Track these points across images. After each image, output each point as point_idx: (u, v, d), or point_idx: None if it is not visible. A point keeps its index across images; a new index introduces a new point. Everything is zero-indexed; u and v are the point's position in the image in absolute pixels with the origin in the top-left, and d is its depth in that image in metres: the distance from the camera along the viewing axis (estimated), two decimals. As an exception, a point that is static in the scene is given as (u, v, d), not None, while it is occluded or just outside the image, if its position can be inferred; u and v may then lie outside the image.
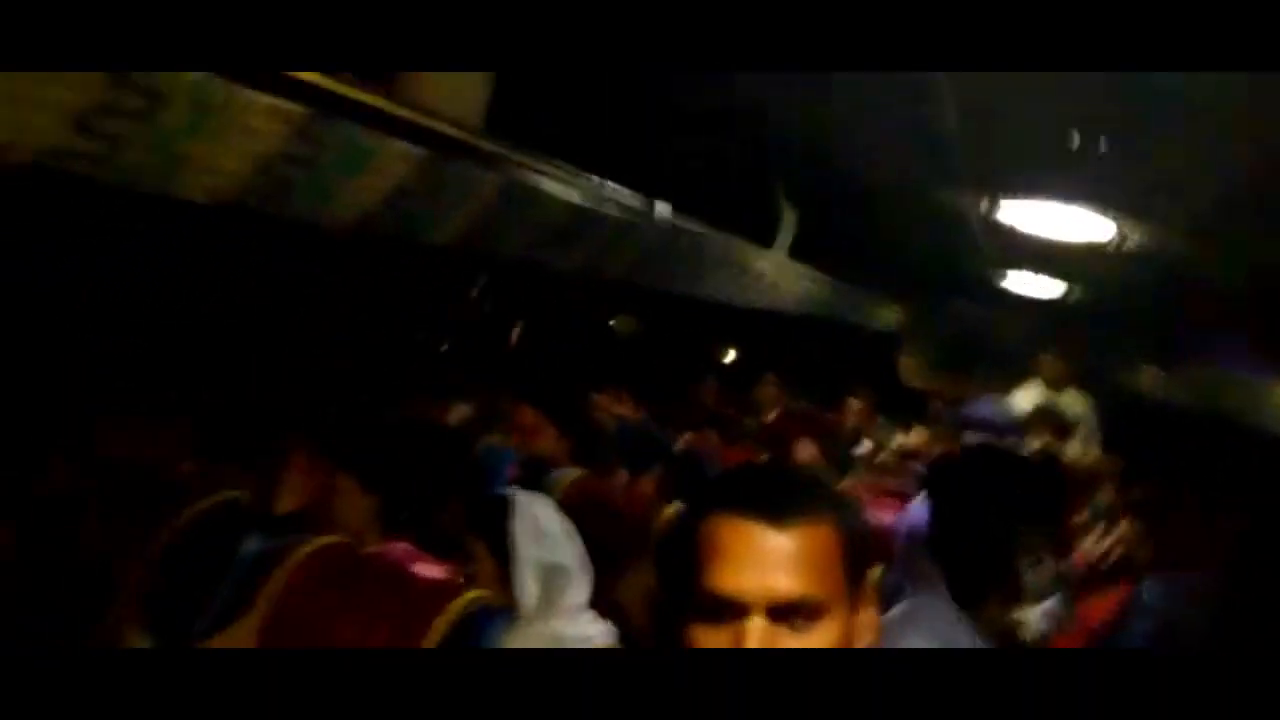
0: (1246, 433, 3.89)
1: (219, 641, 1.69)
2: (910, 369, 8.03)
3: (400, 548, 2.35)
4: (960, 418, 3.60)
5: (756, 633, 0.95)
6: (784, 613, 0.96)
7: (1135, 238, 3.34)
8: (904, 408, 6.54)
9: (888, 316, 7.30)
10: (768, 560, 0.96)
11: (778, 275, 4.12)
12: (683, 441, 3.63)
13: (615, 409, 3.90)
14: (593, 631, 2.01)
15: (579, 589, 2.08)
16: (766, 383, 5.64)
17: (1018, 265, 5.54)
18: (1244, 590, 3.04)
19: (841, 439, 5.19)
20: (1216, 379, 4.57)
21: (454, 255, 2.45)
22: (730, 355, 6.94)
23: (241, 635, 1.68)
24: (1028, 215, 3.38)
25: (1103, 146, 2.40)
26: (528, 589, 2.04)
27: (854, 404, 6.26)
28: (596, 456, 3.31)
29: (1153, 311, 5.93)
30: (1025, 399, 5.25)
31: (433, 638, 1.59)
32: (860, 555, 1.04)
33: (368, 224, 1.56)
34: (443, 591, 1.59)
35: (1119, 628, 3.17)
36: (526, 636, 1.89)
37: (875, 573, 2.86)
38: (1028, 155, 2.76)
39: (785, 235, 4.22)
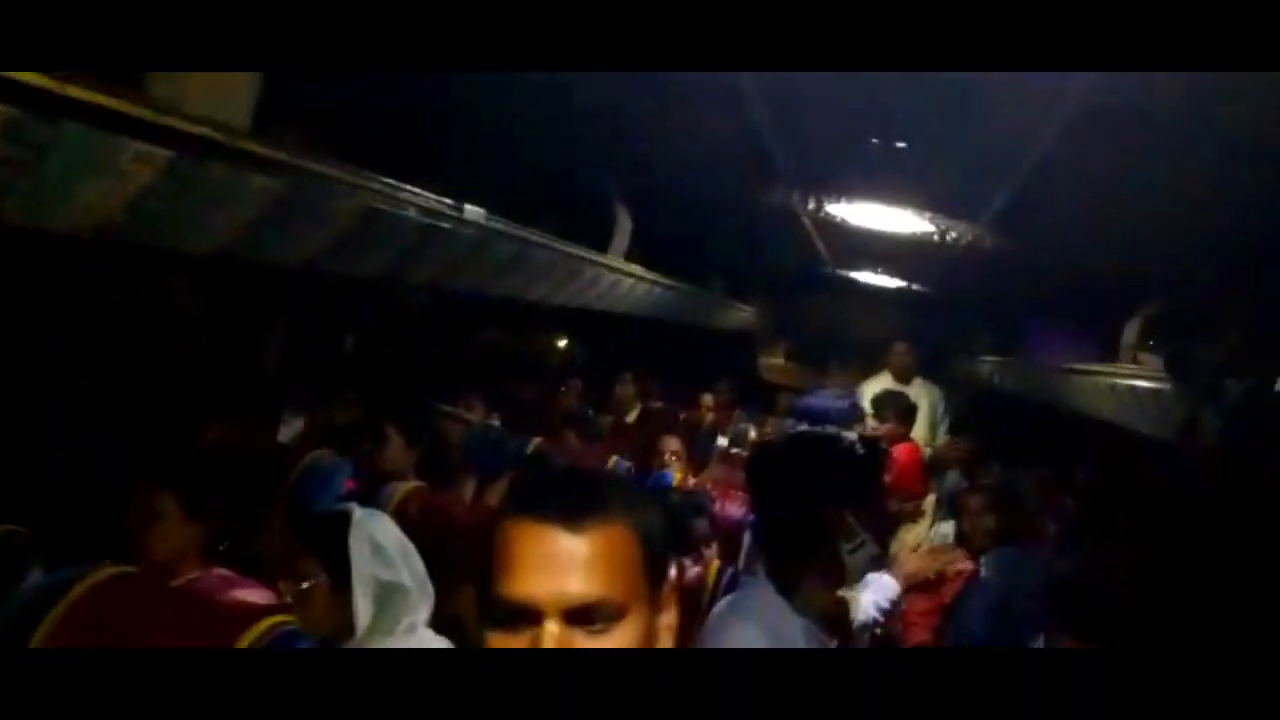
0: (1075, 419, 4.09)
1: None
2: (770, 365, 8.19)
3: (215, 574, 2.19)
4: (794, 409, 3.65)
5: (551, 638, 0.91)
6: (579, 616, 0.93)
7: (954, 234, 3.45)
8: (764, 403, 6.66)
9: (737, 318, 7.42)
10: (560, 563, 0.93)
11: (614, 280, 4.07)
12: (535, 445, 3.54)
13: (464, 416, 3.78)
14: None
15: (416, 608, 1.98)
16: (625, 382, 5.62)
17: (857, 263, 5.69)
18: (1068, 558, 3.20)
19: (699, 435, 5.25)
20: (1037, 369, 4.81)
21: (277, 269, 2.30)
22: (591, 358, 6.91)
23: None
24: (850, 213, 3.46)
25: (899, 146, 2.45)
26: (362, 608, 1.93)
27: (709, 400, 6.33)
28: (441, 467, 3.20)
29: (989, 304, 6.22)
30: (873, 389, 5.40)
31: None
32: (659, 557, 1.01)
33: (110, 230, 1.42)
34: (245, 616, 1.46)
35: (962, 601, 3.29)
36: (359, 657, 1.78)
37: (713, 565, 2.87)
38: (841, 156, 2.79)
39: (620, 240, 4.17)
